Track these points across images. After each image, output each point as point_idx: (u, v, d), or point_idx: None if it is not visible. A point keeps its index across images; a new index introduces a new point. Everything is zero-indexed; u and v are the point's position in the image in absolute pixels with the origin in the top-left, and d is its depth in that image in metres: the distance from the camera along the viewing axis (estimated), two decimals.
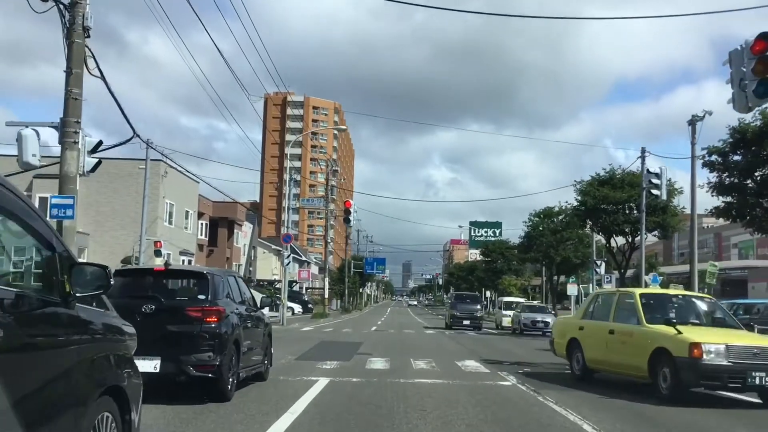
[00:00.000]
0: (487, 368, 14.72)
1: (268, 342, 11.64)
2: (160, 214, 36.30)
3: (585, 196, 31.24)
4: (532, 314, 34.44)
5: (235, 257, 57.28)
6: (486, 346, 23.56)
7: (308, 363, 14.91)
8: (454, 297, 39.46)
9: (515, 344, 25.26)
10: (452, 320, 36.82)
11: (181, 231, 39.69)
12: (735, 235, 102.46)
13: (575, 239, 44.16)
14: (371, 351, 18.84)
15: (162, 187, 36.37)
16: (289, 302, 60.62)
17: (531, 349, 22.14)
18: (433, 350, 20.16)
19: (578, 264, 43.94)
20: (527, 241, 45.67)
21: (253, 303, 11.01)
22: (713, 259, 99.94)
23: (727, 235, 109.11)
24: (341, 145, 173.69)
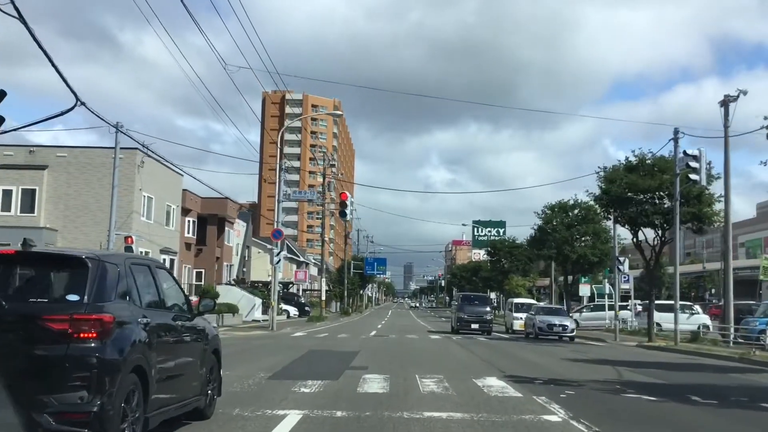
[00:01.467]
0: (517, 390, 11.22)
1: (214, 362, 8.16)
2: (137, 208, 32.84)
3: (610, 184, 27.70)
4: (548, 317, 31.01)
5: (226, 257, 53.80)
6: (503, 355, 20.06)
7: (282, 384, 11.44)
8: (461, 298, 36.08)
9: (536, 352, 21.75)
10: (459, 324, 33.32)
11: (161, 227, 36.22)
12: (742, 234, 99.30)
13: (591, 234, 40.63)
14: (367, 363, 15.36)
15: (138, 178, 32.92)
16: (285, 305, 57.26)
17: (557, 359, 18.64)
18: (441, 362, 16.67)
19: (595, 262, 40.39)
20: (539, 236, 42.12)
21: (186, 308, 7.54)
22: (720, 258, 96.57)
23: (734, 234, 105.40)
24: (341, 144, 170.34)
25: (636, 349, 26.02)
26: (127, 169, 32.65)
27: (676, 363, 19.14)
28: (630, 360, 19.39)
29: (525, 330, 33.48)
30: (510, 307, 37.88)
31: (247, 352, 18.74)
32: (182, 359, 6.87)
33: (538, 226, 42.57)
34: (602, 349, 25.47)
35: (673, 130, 26.76)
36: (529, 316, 32.50)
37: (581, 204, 41.28)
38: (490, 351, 21.45)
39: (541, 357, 19.53)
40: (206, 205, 49.25)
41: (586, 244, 41.16)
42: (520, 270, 67.62)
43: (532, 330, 31.38)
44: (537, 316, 31.29)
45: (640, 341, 29.44)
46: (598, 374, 14.48)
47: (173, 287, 7.44)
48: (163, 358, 6.25)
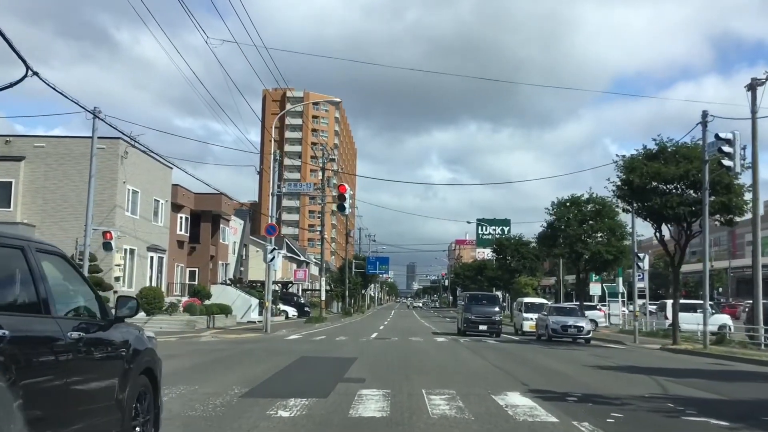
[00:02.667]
0: (550, 411, 8.95)
1: (145, 387, 5.88)
2: (120, 202, 30.60)
3: (631, 173, 25.38)
4: (562, 318, 28.77)
5: (221, 255, 51.58)
6: (519, 361, 17.80)
7: (257, 404, 9.19)
8: (468, 298, 33.42)
9: (554, 357, 19.48)
10: (466, 325, 31.04)
11: (148, 223, 33.98)
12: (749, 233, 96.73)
13: (606, 230, 38.27)
14: (365, 374, 13.12)
15: (122, 170, 30.69)
16: (284, 305, 54.99)
17: (582, 367, 16.37)
18: (451, 371, 14.41)
19: (610, 260, 38.02)
20: (550, 232, 39.76)
21: (100, 313, 5.30)
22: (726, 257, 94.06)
23: (741, 233, 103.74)
24: (342, 143, 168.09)
25: (661, 353, 23.75)
26: (109, 160, 30.46)
27: (717, 371, 16.87)
28: (664, 367, 17.13)
29: (536, 331, 31.27)
30: (519, 307, 35.63)
31: (229, 359, 16.51)
32: (82, 386, 4.64)
33: (548, 222, 40.24)
34: (624, 353, 23.21)
35: (701, 113, 24.48)
36: (542, 317, 30.29)
37: (595, 198, 38.96)
38: (504, 356, 19.18)
39: (563, 364, 17.26)
40: (200, 202, 47.01)
41: (600, 240, 38.82)
42: (527, 269, 65.32)
43: (544, 332, 29.14)
44: (550, 316, 29.07)
45: (663, 344, 27.17)
46: (638, 387, 12.22)
47: (75, 283, 5.20)
48: (38, 387, 4.03)
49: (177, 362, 15.24)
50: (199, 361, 15.60)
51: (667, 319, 38.34)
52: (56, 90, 21.56)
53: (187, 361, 15.48)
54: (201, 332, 28.63)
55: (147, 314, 29.08)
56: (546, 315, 29.77)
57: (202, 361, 15.83)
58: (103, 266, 29.70)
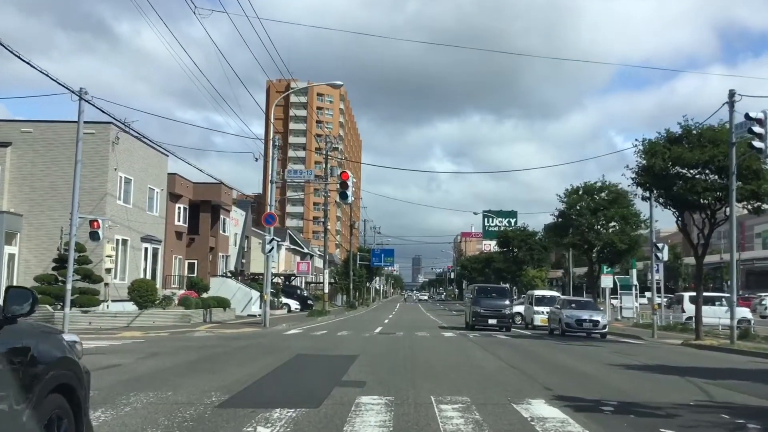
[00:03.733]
0: (587, 428, 7.37)
1: (61, 408, 4.32)
2: (111, 190, 29.09)
3: (652, 158, 23.74)
4: (577, 312, 27.24)
5: (221, 247, 50.10)
6: (536, 360, 16.24)
7: (235, 417, 7.65)
8: (477, 290, 31.84)
9: (574, 355, 17.92)
10: (475, 319, 29.53)
11: (142, 212, 32.48)
12: (758, 224, 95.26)
13: (620, 220, 36.67)
14: (365, 376, 11.60)
15: (113, 156, 29.16)
16: (286, 298, 53.51)
17: (607, 366, 14.80)
18: (463, 372, 12.86)
19: (624, 250, 36.44)
20: (562, 221, 38.18)
21: None
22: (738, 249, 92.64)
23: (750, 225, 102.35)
24: (347, 135, 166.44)
25: (686, 350, 22.17)
26: (100, 146, 28.95)
27: (755, 371, 15.30)
28: (696, 366, 15.56)
29: (549, 325, 29.72)
30: (530, 299, 34.06)
31: (217, 358, 15.00)
32: None
33: (559, 210, 38.64)
34: (646, 349, 21.63)
35: (728, 93, 22.81)
36: (554, 311, 28.76)
37: (609, 186, 37.37)
38: (519, 354, 17.62)
39: (585, 362, 15.70)
40: (199, 191, 45.53)
41: (613, 230, 37.24)
42: (534, 260, 63.78)
43: (557, 326, 27.59)
44: (563, 310, 27.56)
45: (684, 339, 25.56)
46: (678, 392, 10.67)
47: None
48: None
49: (157, 362, 13.75)
50: (182, 361, 14.10)
51: (684, 313, 36.76)
52: (39, 70, 20.13)
53: (168, 361, 13.99)
54: (196, 327, 27.18)
55: (139, 308, 27.66)
56: (559, 308, 28.29)
57: (186, 360, 14.33)
58: (94, 257, 28.24)
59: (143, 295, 27.71)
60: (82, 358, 4.94)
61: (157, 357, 14.78)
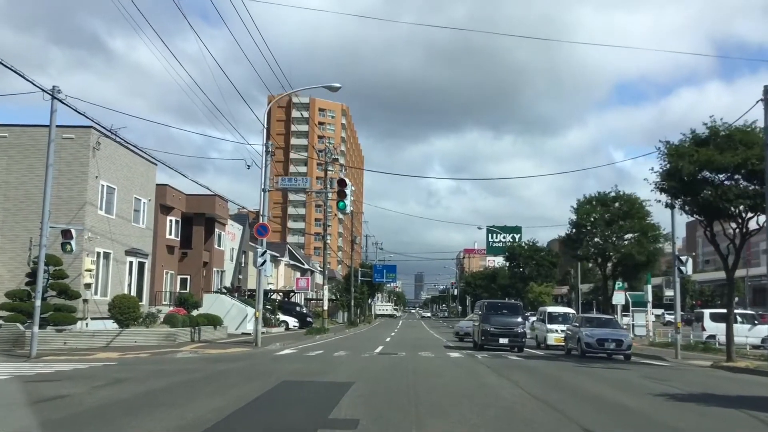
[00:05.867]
0: None
1: None
2: (91, 199, 27.02)
3: (679, 161, 21.63)
4: (597, 330, 24.90)
5: (216, 262, 47.98)
6: (561, 388, 14.03)
7: None
8: (486, 307, 29.15)
9: (603, 382, 15.71)
10: (484, 338, 27.20)
11: (126, 224, 30.37)
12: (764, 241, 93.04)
13: (638, 231, 34.55)
14: (360, 412, 9.43)
15: (93, 162, 27.11)
16: (284, 315, 51.24)
17: (647, 396, 12.59)
18: (478, 404, 10.66)
19: (642, 263, 34.26)
20: (575, 234, 36.04)
21: None
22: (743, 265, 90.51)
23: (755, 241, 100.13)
24: (349, 150, 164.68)
25: (721, 373, 19.92)
26: (79, 152, 26.94)
27: None
28: (746, 395, 13.42)
29: (565, 345, 27.46)
30: (542, 317, 31.70)
31: (188, 385, 12.85)
32: None
33: (573, 222, 36.52)
34: (677, 372, 19.41)
35: (763, 89, 20.73)
36: (572, 329, 26.48)
37: (623, 196, 35.27)
38: (538, 380, 15.41)
39: (618, 391, 13.49)
40: (192, 204, 43.52)
41: (630, 242, 35.08)
42: (541, 276, 61.56)
43: (576, 346, 25.29)
44: (582, 328, 25.22)
45: (713, 360, 23.32)
46: None
47: None
48: None
49: (113, 392, 11.60)
50: (145, 390, 11.95)
51: (705, 331, 34.55)
52: (7, 66, 18.19)
53: (128, 390, 11.84)
54: (181, 347, 25.04)
55: (120, 326, 25.54)
56: (577, 327, 25.96)
57: (150, 389, 12.18)
58: (72, 271, 26.17)
59: (125, 312, 25.59)
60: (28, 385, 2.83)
61: (117, 385, 12.63)
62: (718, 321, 33.78)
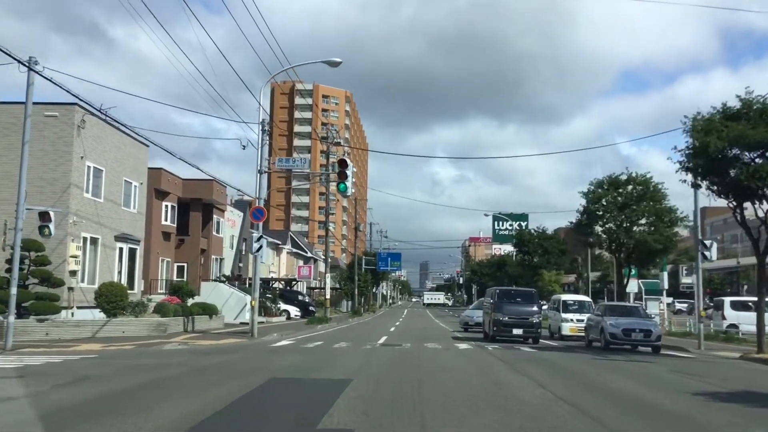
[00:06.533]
0: None
1: None
2: (76, 181, 25.43)
3: (707, 137, 19.92)
4: (623, 320, 22.72)
5: (215, 249, 46.45)
6: (586, 384, 12.42)
7: None
8: (498, 294, 27.16)
9: (628, 376, 14.09)
10: (496, 329, 25.33)
11: (116, 208, 28.78)
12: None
13: (653, 216, 32.80)
14: (356, 417, 7.83)
15: (78, 142, 25.50)
16: (285, 304, 49.75)
17: (680, 394, 10.95)
18: (496, 407, 9.02)
19: (658, 250, 32.55)
20: (586, 220, 34.31)
21: None
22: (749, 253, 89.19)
23: None
24: (353, 137, 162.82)
25: (754, 366, 18.28)
26: (63, 130, 25.34)
27: None
28: None
29: (585, 336, 25.47)
30: (556, 305, 29.94)
31: (163, 383, 11.29)
32: None
33: (584, 207, 34.79)
34: (707, 366, 17.79)
35: None
36: (594, 319, 24.55)
37: (636, 178, 33.53)
38: (560, 376, 13.77)
39: (653, 389, 11.85)
40: (188, 188, 41.94)
41: (644, 228, 33.36)
42: (551, 264, 59.86)
43: (598, 337, 23.32)
44: (606, 317, 23.13)
45: (743, 352, 21.65)
46: None
47: None
48: None
49: (74, 392, 10.04)
50: (111, 389, 10.39)
51: (725, 320, 32.96)
52: None
53: (92, 389, 10.29)
54: (171, 337, 23.52)
55: (108, 315, 24.02)
56: (600, 316, 23.84)
57: (119, 388, 10.62)
58: (56, 258, 24.64)
59: (112, 300, 24.06)
60: None
61: (82, 383, 11.08)
62: (740, 309, 32.14)
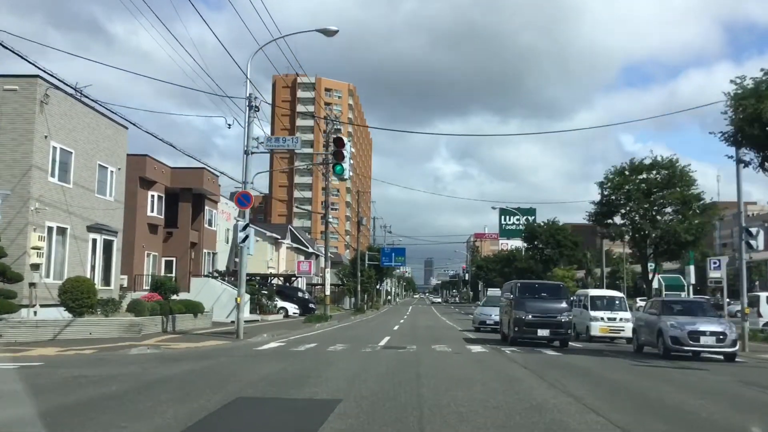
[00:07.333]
0: None
1: None
2: (39, 163, 22.54)
3: (760, 103, 16.97)
4: (685, 319, 18.44)
5: (207, 243, 43.58)
6: (664, 415, 9.48)
7: None
8: (519, 289, 22.79)
9: (707, 397, 11.11)
10: (517, 329, 21.41)
11: (89, 195, 25.88)
12: None
13: (680, 203, 29.79)
14: None
15: (42, 120, 22.60)
16: (283, 301, 46.94)
17: None
18: None
19: (688, 241, 29.50)
20: (606, 209, 31.28)
21: None
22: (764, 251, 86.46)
23: None
24: (357, 131, 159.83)
25: None
26: (24, 106, 22.42)
27: None
28: None
29: (634, 339, 21.31)
30: (582, 302, 26.66)
31: (98, 404, 8.38)
32: None
33: (603, 197, 31.81)
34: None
35: None
36: (645, 318, 20.29)
37: (663, 162, 30.55)
38: (618, 398, 10.76)
39: (748, 416, 8.92)
40: (177, 178, 39.09)
41: (671, 216, 30.38)
42: (563, 258, 56.88)
43: (653, 341, 19.01)
44: (664, 316, 18.76)
45: None
46: None
47: None
48: None
49: None
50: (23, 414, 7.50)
51: (762, 317, 30.18)
52: None
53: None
54: (145, 339, 20.68)
55: (73, 314, 21.16)
56: (655, 315, 19.40)
57: (37, 411, 7.74)
58: (15, 250, 21.78)
59: (77, 298, 21.19)
60: None
61: None
62: None
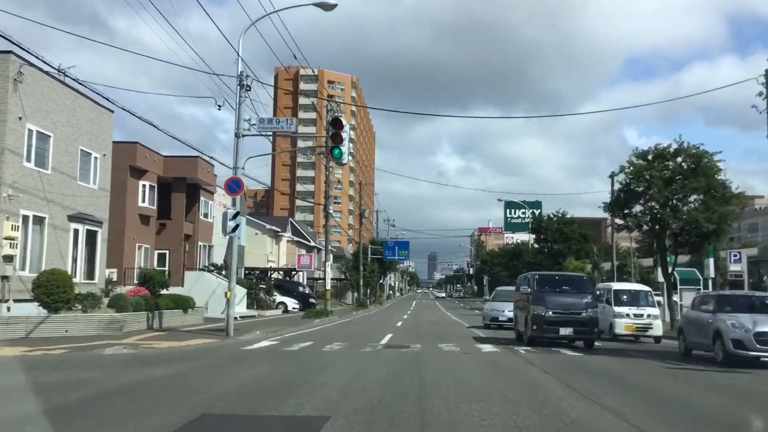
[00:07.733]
0: None
1: None
2: (13, 146, 20.76)
3: None
4: (746, 317, 15.30)
5: (202, 235, 41.80)
6: None
7: None
8: (538, 282, 20.26)
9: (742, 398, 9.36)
10: (536, 327, 19.02)
11: (71, 182, 24.10)
12: None
13: (703, 192, 27.87)
14: None
15: (15, 99, 20.81)
16: (282, 296, 45.27)
17: None
18: None
19: (711, 232, 27.60)
20: (626, 197, 29.41)
21: None
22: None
23: None
24: (360, 124, 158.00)
25: None
26: None
27: None
28: None
29: (680, 341, 18.30)
30: (605, 296, 24.44)
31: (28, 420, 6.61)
32: None
33: (623, 185, 29.91)
34: None
35: None
36: (695, 316, 17.36)
37: (688, 150, 28.63)
38: (662, 408, 9.00)
39: None
40: (170, 167, 37.41)
41: (694, 206, 28.46)
42: (572, 251, 54.96)
43: (707, 343, 16.06)
44: (722, 315, 15.72)
45: None
46: None
47: None
48: None
49: None
50: None
51: None
52: None
53: None
54: (126, 337, 18.97)
55: (48, 310, 19.44)
56: (711, 313, 16.15)
57: None
58: None
59: (53, 292, 19.47)
60: None
61: None
62: None
